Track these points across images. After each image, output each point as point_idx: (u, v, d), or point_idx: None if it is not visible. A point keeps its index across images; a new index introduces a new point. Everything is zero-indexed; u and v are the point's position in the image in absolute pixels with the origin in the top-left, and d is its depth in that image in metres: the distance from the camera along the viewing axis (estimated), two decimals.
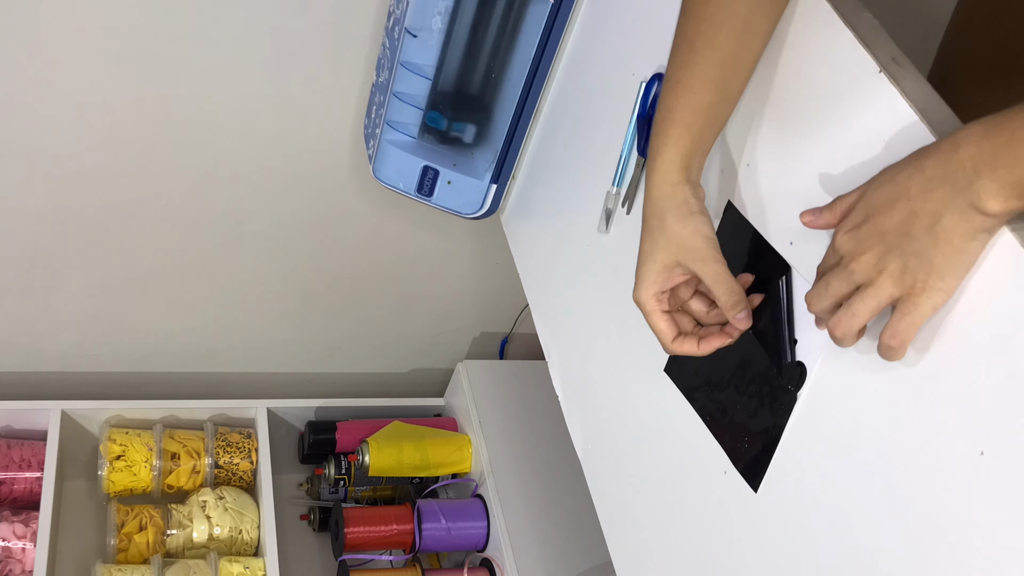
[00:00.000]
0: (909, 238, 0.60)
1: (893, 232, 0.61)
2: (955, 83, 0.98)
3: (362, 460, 1.56)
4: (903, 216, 0.60)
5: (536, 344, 1.21)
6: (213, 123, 1.35)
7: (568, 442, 1.11)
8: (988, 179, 0.55)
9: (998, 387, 0.59)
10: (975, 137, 0.56)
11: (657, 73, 0.93)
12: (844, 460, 0.71)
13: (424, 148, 1.22)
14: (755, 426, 0.80)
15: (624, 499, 1.00)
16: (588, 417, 1.08)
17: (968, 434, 0.61)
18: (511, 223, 1.31)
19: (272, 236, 1.54)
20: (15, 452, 1.49)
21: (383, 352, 1.83)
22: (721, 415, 0.84)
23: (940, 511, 0.62)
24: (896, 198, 0.61)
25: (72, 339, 1.59)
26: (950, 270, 0.60)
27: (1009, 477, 0.58)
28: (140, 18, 1.20)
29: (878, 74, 0.69)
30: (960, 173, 0.57)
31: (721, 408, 0.84)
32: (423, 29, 1.12)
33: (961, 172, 0.57)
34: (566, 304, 1.14)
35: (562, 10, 1.09)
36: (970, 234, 0.58)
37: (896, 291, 0.61)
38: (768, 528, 0.79)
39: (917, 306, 0.61)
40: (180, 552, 1.47)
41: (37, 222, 1.40)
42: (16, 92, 1.23)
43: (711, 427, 0.85)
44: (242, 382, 1.79)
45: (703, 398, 0.87)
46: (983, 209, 0.56)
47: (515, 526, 1.47)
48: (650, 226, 0.79)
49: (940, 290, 0.60)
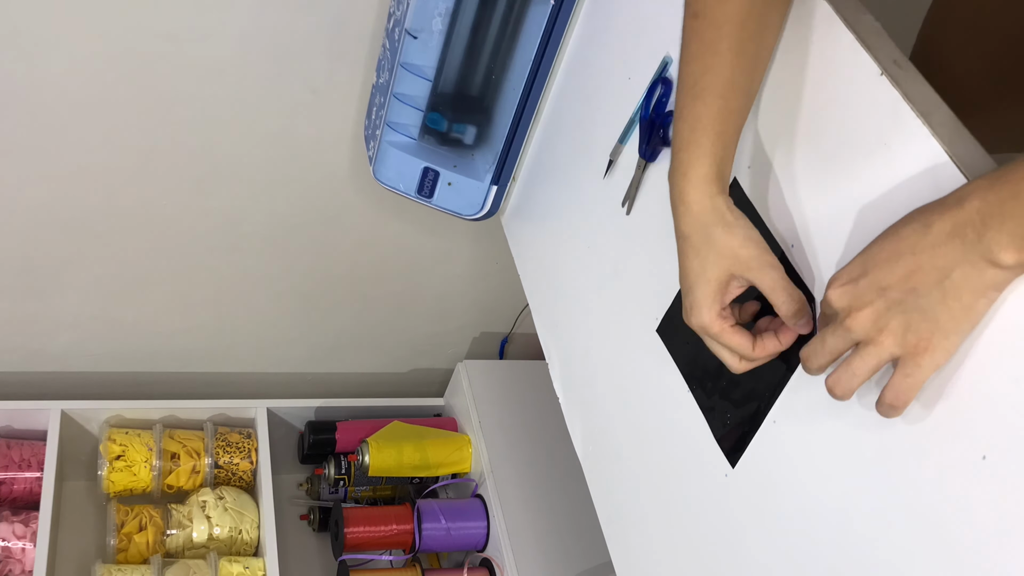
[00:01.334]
0: (915, 294, 0.58)
1: (896, 288, 0.59)
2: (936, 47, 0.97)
3: (362, 460, 1.57)
4: (907, 271, 0.58)
5: (536, 344, 1.21)
6: (213, 123, 1.35)
7: (568, 442, 1.11)
8: (998, 231, 0.54)
9: (1000, 390, 0.59)
10: (980, 191, 0.55)
11: (662, 77, 0.93)
12: (844, 461, 0.71)
13: (424, 149, 1.22)
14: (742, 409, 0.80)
15: (624, 499, 1.00)
16: (588, 417, 1.08)
17: (969, 438, 0.61)
18: (512, 224, 1.31)
19: (272, 236, 1.54)
20: (15, 452, 1.49)
21: (383, 352, 1.83)
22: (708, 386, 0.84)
23: (941, 515, 0.62)
24: (900, 253, 0.59)
25: (72, 339, 1.59)
26: (955, 328, 0.58)
27: (1011, 481, 0.58)
28: (140, 18, 1.20)
29: (879, 76, 0.69)
30: (969, 227, 0.55)
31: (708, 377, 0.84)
32: (423, 30, 1.12)
33: (970, 226, 0.55)
34: (566, 305, 1.14)
35: (563, 11, 1.08)
36: (981, 290, 0.57)
37: (897, 350, 0.60)
38: (768, 529, 0.79)
39: (919, 367, 0.59)
40: (180, 552, 1.47)
41: (37, 222, 1.40)
42: (16, 92, 1.23)
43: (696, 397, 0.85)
44: (242, 382, 1.79)
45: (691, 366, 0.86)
46: (997, 262, 0.55)
47: (515, 526, 1.47)
48: (695, 243, 0.75)
49: (944, 350, 0.59)
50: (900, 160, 0.67)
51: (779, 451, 0.78)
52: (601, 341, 1.06)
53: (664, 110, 0.93)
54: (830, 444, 0.72)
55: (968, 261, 0.56)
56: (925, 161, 0.65)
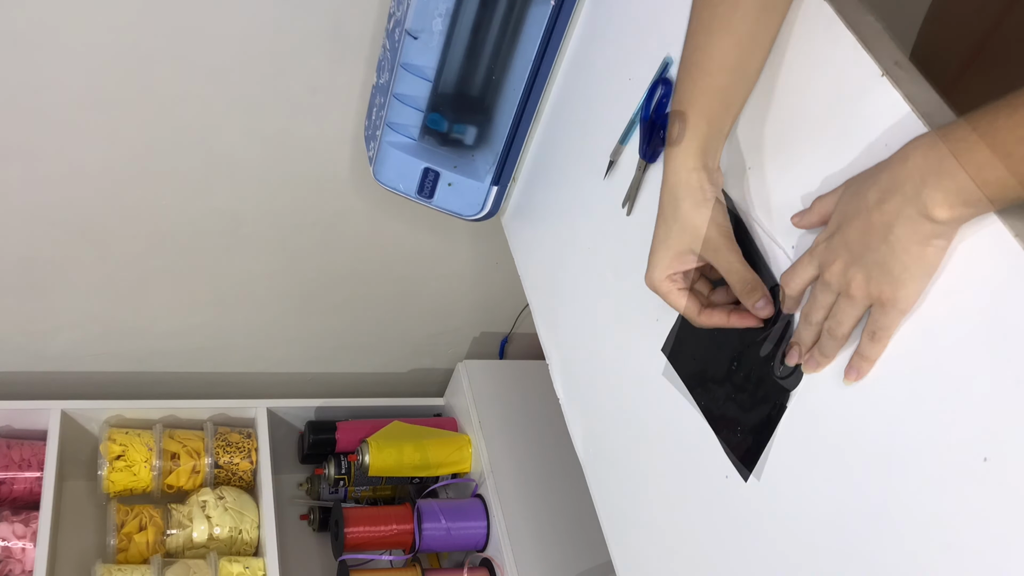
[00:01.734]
0: (869, 248, 0.62)
1: (855, 243, 0.63)
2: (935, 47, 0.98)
3: (362, 460, 1.57)
4: (862, 226, 0.63)
5: (536, 344, 1.21)
6: (213, 123, 1.35)
7: (568, 441, 1.11)
8: (934, 188, 0.58)
9: (1002, 392, 0.59)
10: (923, 148, 0.59)
11: (662, 78, 0.93)
12: (845, 463, 0.71)
13: (425, 150, 1.22)
14: (750, 419, 0.80)
15: (625, 499, 1.00)
16: (589, 418, 1.08)
17: (971, 439, 0.61)
18: (512, 225, 1.31)
19: (272, 236, 1.54)
20: (15, 452, 1.49)
21: (383, 352, 1.83)
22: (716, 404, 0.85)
23: (942, 517, 0.62)
24: (859, 209, 0.63)
25: (72, 339, 1.59)
26: (910, 278, 0.62)
27: (1013, 483, 0.58)
28: (140, 18, 1.20)
29: (880, 77, 0.69)
30: (909, 183, 0.59)
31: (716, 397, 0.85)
32: (424, 31, 1.12)
33: (910, 182, 0.59)
34: (567, 306, 1.14)
35: (563, 12, 1.08)
36: (923, 241, 0.60)
37: (866, 300, 0.64)
38: (768, 530, 0.79)
39: (886, 314, 0.64)
40: (180, 552, 1.47)
41: (37, 222, 1.40)
42: (16, 92, 1.23)
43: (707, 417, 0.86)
44: (242, 382, 1.79)
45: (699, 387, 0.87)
46: (931, 216, 0.59)
47: (515, 526, 1.47)
48: (665, 212, 0.80)
49: (904, 298, 0.63)
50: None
51: (780, 452, 0.78)
52: (601, 341, 1.06)
53: (664, 111, 0.93)
54: (831, 446, 0.72)
55: (906, 216, 0.60)
56: None
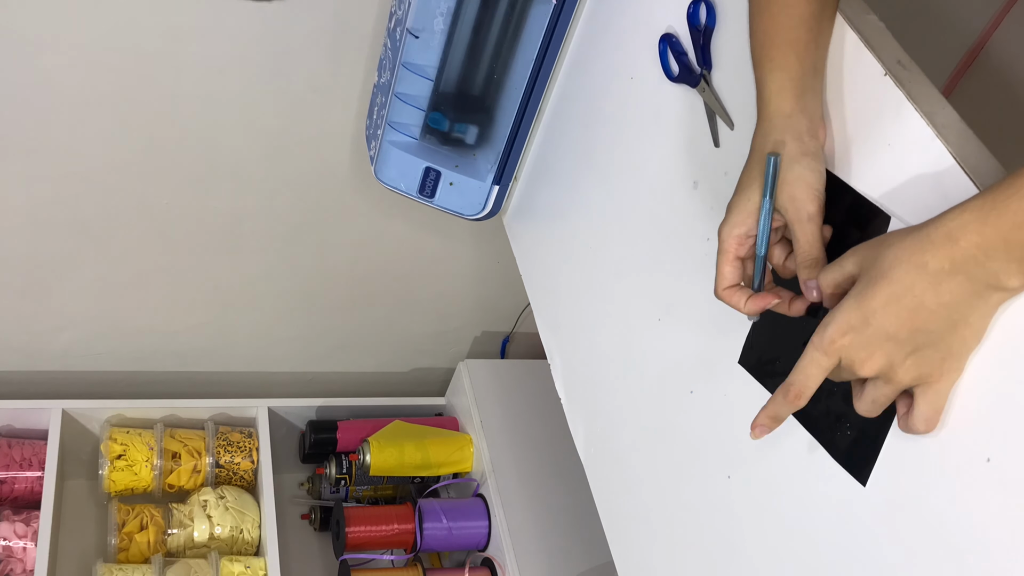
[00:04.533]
0: (922, 332, 0.59)
1: (902, 330, 0.59)
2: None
3: (363, 459, 1.56)
4: (910, 312, 0.59)
5: (537, 343, 1.21)
6: (214, 123, 1.34)
7: (569, 441, 1.11)
8: (1005, 262, 0.56)
9: (1005, 392, 0.59)
10: (974, 225, 0.56)
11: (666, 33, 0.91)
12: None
13: (426, 149, 1.22)
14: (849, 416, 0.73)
15: (626, 499, 1.00)
16: (591, 418, 1.08)
17: (974, 440, 0.61)
18: (513, 224, 1.31)
19: (273, 236, 1.54)
20: (16, 451, 1.49)
21: (384, 351, 1.83)
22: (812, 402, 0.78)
23: (946, 518, 0.62)
24: (897, 296, 0.59)
25: (73, 338, 1.59)
26: (967, 350, 0.61)
27: (1016, 483, 0.58)
28: (140, 17, 1.20)
29: (883, 77, 0.69)
30: (971, 262, 0.56)
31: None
32: (425, 30, 1.11)
33: (972, 261, 0.56)
34: (569, 306, 1.14)
35: (564, 11, 1.08)
36: (989, 314, 0.59)
37: (913, 383, 0.62)
38: (770, 530, 0.79)
39: (939, 393, 0.62)
40: (181, 551, 1.47)
41: (37, 222, 1.40)
42: (16, 92, 1.23)
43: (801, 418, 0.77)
44: (243, 381, 1.79)
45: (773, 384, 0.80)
46: (1004, 287, 0.57)
47: (516, 526, 1.47)
48: (752, 161, 0.72)
49: (958, 370, 0.61)
50: (904, 161, 0.67)
51: (780, 453, 0.78)
52: (604, 343, 1.05)
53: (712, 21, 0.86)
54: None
55: (974, 292, 0.57)
56: (929, 162, 0.65)
